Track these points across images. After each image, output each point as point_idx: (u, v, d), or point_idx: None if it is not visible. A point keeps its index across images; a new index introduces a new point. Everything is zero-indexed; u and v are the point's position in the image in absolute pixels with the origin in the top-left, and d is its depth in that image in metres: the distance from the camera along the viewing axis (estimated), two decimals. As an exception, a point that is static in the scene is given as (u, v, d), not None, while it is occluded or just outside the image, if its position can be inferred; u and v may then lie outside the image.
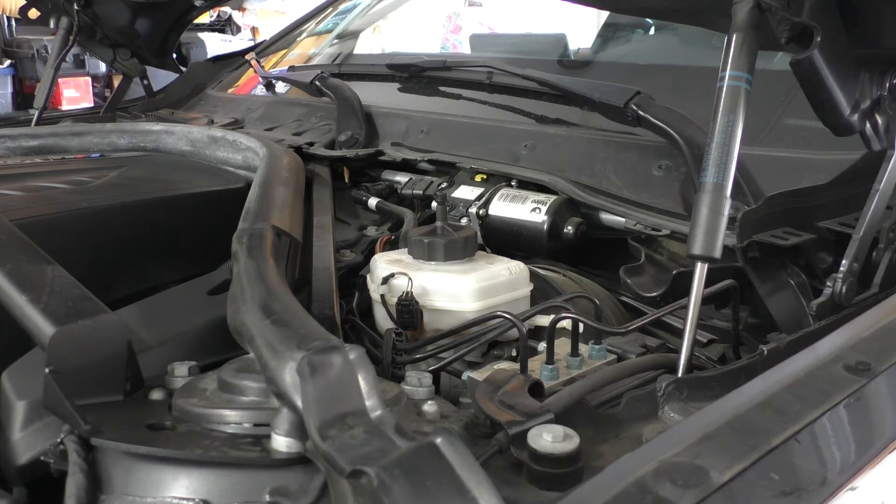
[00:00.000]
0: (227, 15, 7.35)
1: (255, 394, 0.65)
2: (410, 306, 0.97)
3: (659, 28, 1.96)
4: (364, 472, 0.46)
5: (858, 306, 0.88)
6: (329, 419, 0.52)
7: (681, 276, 1.01)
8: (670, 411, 0.70)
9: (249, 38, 7.23)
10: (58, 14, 2.13)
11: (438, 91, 1.79)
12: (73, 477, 0.59)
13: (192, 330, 0.91)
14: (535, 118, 1.54)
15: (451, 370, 0.92)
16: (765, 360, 0.77)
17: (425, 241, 1.02)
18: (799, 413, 0.60)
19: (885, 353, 0.69)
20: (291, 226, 0.99)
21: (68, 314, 0.69)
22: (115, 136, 1.46)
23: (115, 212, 1.14)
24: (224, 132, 1.41)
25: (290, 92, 2.07)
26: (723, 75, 0.85)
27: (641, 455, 0.54)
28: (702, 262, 0.79)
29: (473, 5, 5.82)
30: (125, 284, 1.08)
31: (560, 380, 0.83)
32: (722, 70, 0.85)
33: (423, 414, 0.69)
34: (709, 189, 0.79)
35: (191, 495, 0.59)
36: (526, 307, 1.00)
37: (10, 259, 0.79)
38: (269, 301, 0.68)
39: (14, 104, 5.83)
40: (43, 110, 2.04)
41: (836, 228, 0.96)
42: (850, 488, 0.58)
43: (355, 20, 2.47)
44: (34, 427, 0.70)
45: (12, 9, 5.50)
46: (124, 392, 0.68)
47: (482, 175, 1.35)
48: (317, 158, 1.49)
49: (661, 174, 1.23)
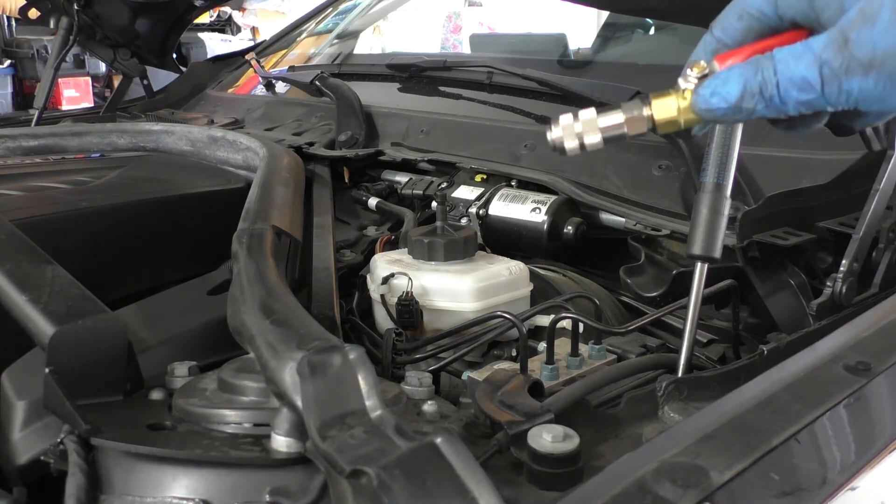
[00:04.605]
0: (227, 15, 7.35)
1: (255, 394, 0.65)
2: (410, 306, 0.97)
3: (659, 28, 1.96)
4: (364, 472, 0.46)
5: (858, 306, 0.88)
6: (329, 419, 0.52)
7: (681, 276, 1.01)
8: (670, 411, 0.70)
9: (249, 38, 7.23)
10: (58, 14, 2.13)
11: (438, 91, 1.79)
12: (73, 477, 0.59)
13: (192, 330, 0.91)
14: (535, 118, 1.54)
15: (451, 370, 0.92)
16: (765, 360, 0.77)
17: (425, 241, 1.02)
18: (799, 413, 0.60)
19: (885, 353, 0.69)
20: (291, 226, 0.99)
21: (68, 314, 0.69)
22: (115, 136, 1.46)
23: (115, 212, 1.14)
24: (224, 132, 1.41)
25: (290, 92, 2.07)
26: (723, 75, 0.85)
27: (641, 455, 0.54)
28: (702, 262, 0.79)
29: (473, 5, 5.82)
30: (125, 284, 1.08)
31: (560, 380, 0.83)
32: (722, 70, 0.85)
33: (423, 414, 0.69)
34: (709, 189, 0.79)
35: (191, 495, 0.59)
36: (526, 307, 1.00)
37: (10, 259, 0.79)
38: (269, 301, 0.68)
39: (14, 104, 5.83)
40: (43, 110, 2.04)
41: (836, 228, 0.96)
42: (850, 488, 0.58)
43: (355, 20, 2.47)
44: (34, 427, 0.70)
45: (12, 9, 5.51)
46: (124, 392, 0.68)
47: (482, 175, 1.35)
48: (317, 158, 1.49)
49: (661, 174, 1.23)
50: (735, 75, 0.53)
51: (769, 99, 0.52)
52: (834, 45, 0.48)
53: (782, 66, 0.51)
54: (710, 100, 0.54)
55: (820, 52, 0.49)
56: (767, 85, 0.51)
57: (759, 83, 0.52)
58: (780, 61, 0.51)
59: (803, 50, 0.50)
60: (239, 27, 7.50)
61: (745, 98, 0.53)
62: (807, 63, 0.49)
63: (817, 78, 0.49)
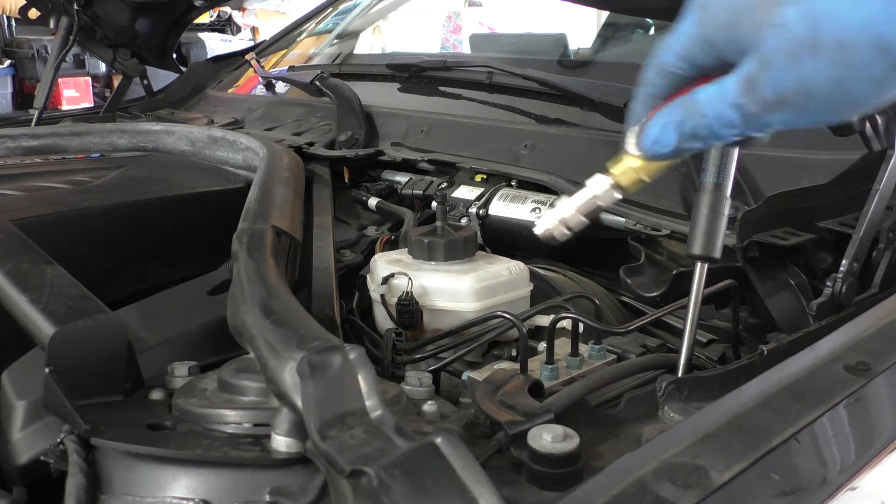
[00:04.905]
0: (227, 15, 7.35)
1: (255, 394, 0.65)
2: (410, 306, 0.97)
3: (659, 28, 1.96)
4: (364, 472, 0.46)
5: (858, 306, 0.88)
6: (329, 419, 0.52)
7: (681, 276, 1.01)
8: (670, 411, 0.70)
9: (249, 38, 7.23)
10: (58, 14, 2.13)
11: (438, 91, 1.79)
12: (73, 477, 0.59)
13: (192, 330, 0.91)
14: (535, 118, 1.54)
15: (451, 370, 0.92)
16: (765, 360, 0.77)
17: (425, 241, 1.02)
18: (799, 413, 0.60)
19: (885, 353, 0.69)
20: (291, 226, 0.99)
21: (68, 314, 0.69)
22: (115, 136, 1.46)
23: (115, 212, 1.14)
24: (224, 132, 1.41)
25: (290, 92, 2.07)
26: (723, 75, 0.85)
27: (641, 455, 0.54)
28: (702, 262, 0.79)
29: (473, 5, 5.82)
30: (125, 284, 1.08)
31: (560, 380, 0.83)
32: (722, 70, 0.85)
33: (423, 414, 0.69)
34: (709, 189, 0.79)
35: (191, 495, 0.59)
36: (526, 307, 1.00)
37: (10, 259, 0.79)
38: (269, 301, 0.68)
39: (14, 104, 5.83)
40: (43, 110, 2.04)
41: (836, 228, 0.96)
42: (850, 488, 0.58)
43: (355, 20, 2.47)
44: (34, 427, 0.70)
45: (12, 9, 5.51)
46: (124, 392, 0.68)
47: (482, 175, 1.35)
48: (317, 158, 1.49)
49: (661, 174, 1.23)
50: (665, 121, 0.58)
51: (706, 138, 0.56)
52: (744, 90, 0.52)
53: (707, 108, 0.55)
54: (654, 148, 0.60)
55: (734, 98, 0.53)
56: (699, 128, 0.56)
57: (693, 127, 0.56)
58: (703, 103, 0.55)
59: (719, 93, 0.54)
60: (239, 27, 7.50)
61: (683, 141, 0.57)
62: (725, 105, 0.53)
63: (738, 118, 0.53)
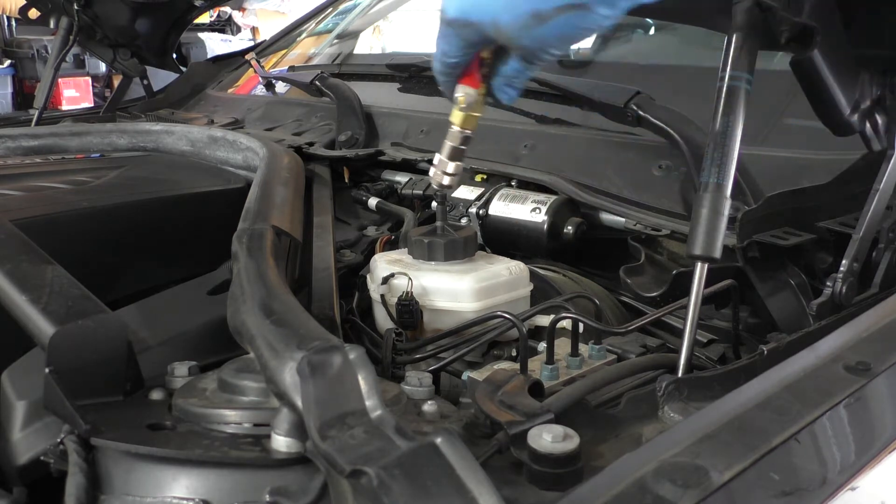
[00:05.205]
0: (227, 15, 7.36)
1: (255, 394, 0.65)
2: (410, 306, 0.97)
3: (659, 28, 1.96)
4: (364, 472, 0.46)
5: (858, 306, 0.87)
6: (329, 419, 0.52)
7: (681, 276, 1.01)
8: (670, 411, 0.70)
9: (249, 38, 7.24)
10: (58, 14, 2.13)
11: (438, 91, 1.78)
12: (73, 477, 0.59)
13: (192, 330, 0.91)
14: (535, 118, 1.54)
15: (451, 370, 0.92)
16: (765, 360, 0.77)
17: (425, 241, 1.02)
18: (799, 413, 0.60)
19: (885, 353, 0.69)
20: (291, 226, 0.99)
21: (68, 314, 0.69)
22: (115, 136, 1.46)
23: (115, 212, 1.14)
24: (224, 132, 1.41)
25: (290, 92, 2.07)
26: (723, 75, 0.85)
27: (641, 455, 0.54)
28: (702, 262, 0.79)
29: (473, 5, 5.80)
30: (125, 284, 1.08)
31: (560, 380, 0.83)
32: (722, 70, 0.85)
33: (423, 414, 0.69)
34: (709, 189, 0.79)
35: (191, 495, 0.59)
36: (526, 307, 1.00)
37: (10, 259, 0.79)
38: (269, 301, 0.68)
39: (14, 104, 5.84)
40: (43, 110, 2.04)
41: (836, 228, 0.95)
42: (850, 488, 0.58)
43: (355, 20, 2.47)
44: (34, 427, 0.70)
45: (12, 9, 5.51)
46: (124, 392, 0.68)
47: (482, 175, 1.35)
48: (317, 158, 1.49)
49: (661, 174, 1.23)
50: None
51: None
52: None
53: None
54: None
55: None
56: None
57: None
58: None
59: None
60: (239, 27, 7.50)
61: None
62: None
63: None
